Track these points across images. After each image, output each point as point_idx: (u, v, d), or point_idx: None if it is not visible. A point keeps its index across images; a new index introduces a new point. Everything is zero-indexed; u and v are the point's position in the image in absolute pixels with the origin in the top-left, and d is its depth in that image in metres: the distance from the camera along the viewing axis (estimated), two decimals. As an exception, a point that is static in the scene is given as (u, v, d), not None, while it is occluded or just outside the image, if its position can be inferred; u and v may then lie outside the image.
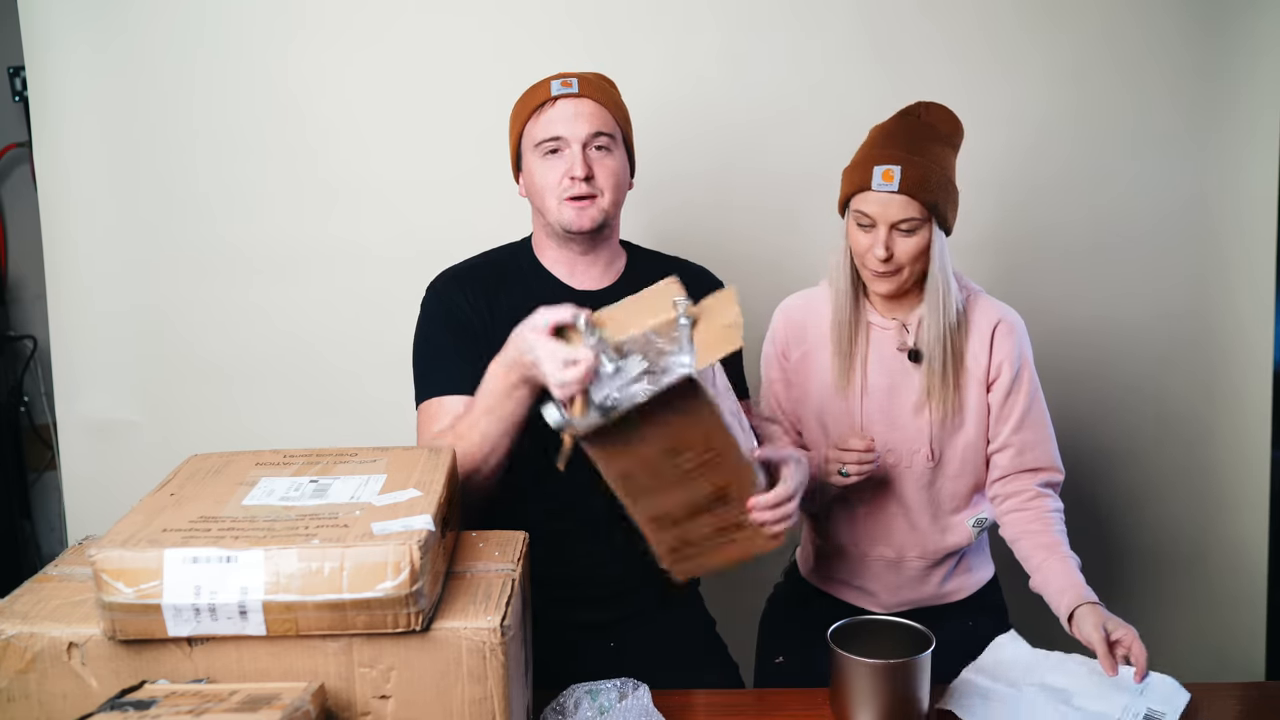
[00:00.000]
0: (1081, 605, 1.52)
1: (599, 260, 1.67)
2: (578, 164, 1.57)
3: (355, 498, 1.18)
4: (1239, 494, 2.40)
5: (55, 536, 3.14)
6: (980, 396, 1.68)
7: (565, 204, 1.59)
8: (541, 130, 1.60)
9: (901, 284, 1.64)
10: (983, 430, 1.69)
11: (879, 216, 1.59)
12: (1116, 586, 2.46)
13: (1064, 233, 2.34)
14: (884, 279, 1.63)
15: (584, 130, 1.59)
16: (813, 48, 2.24)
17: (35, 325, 3.06)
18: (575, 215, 1.59)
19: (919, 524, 1.71)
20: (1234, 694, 1.58)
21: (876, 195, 1.59)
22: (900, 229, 1.59)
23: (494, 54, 2.18)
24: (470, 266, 1.70)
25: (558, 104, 1.59)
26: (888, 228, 1.59)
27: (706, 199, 2.27)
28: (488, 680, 1.11)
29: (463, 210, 2.18)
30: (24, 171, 2.98)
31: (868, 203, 1.60)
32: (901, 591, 1.74)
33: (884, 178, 1.58)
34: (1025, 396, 1.68)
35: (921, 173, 1.58)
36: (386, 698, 1.10)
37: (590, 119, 1.59)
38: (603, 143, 1.60)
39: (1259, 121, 2.29)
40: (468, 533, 1.35)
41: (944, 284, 1.64)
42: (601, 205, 1.60)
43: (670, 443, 1.32)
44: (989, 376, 1.68)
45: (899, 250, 1.60)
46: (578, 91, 1.59)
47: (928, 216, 1.60)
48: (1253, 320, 2.35)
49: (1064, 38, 2.27)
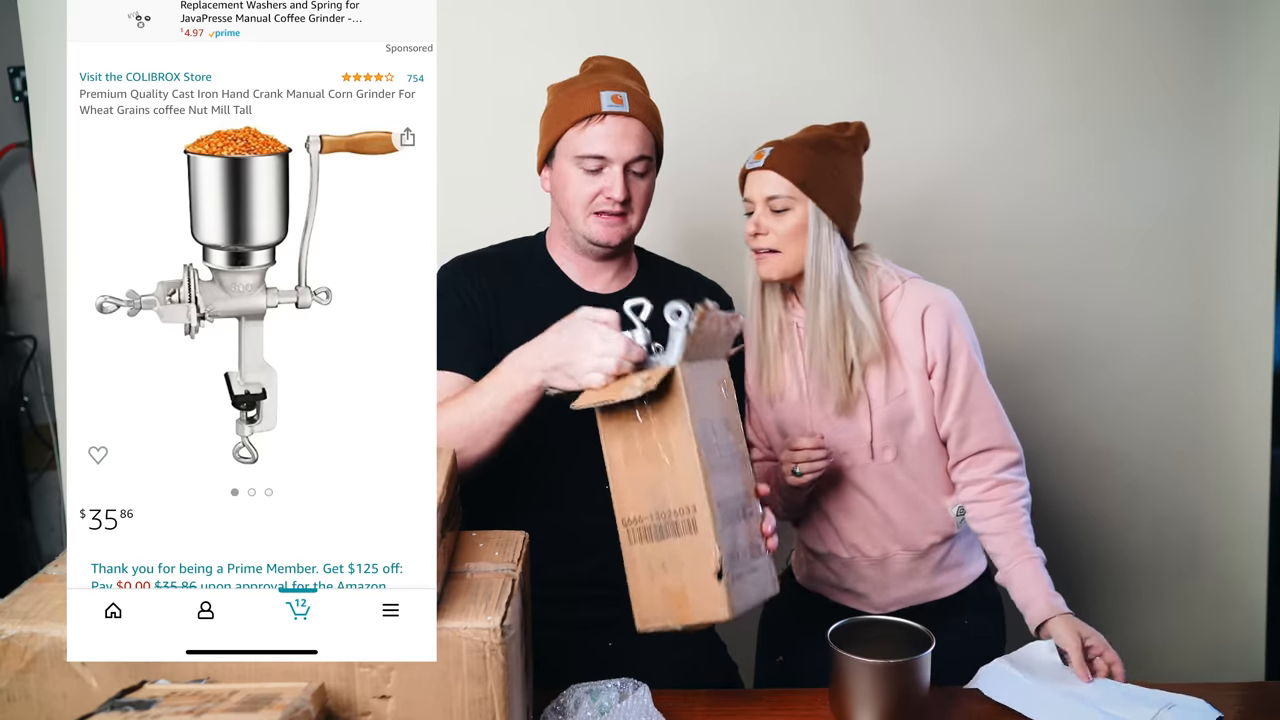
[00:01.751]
0: (1054, 618, 1.55)
1: (612, 265, 1.67)
2: (617, 186, 1.56)
3: (355, 498, 1.18)
4: (1239, 494, 2.40)
5: (55, 536, 3.14)
6: (922, 384, 1.67)
7: (594, 218, 1.59)
8: (586, 144, 1.57)
9: (784, 269, 1.68)
10: (931, 418, 1.69)
11: (754, 196, 1.69)
12: (1116, 587, 2.46)
13: (1063, 232, 2.34)
14: (765, 260, 1.69)
15: (629, 152, 1.57)
16: (812, 46, 2.24)
17: (35, 325, 3.06)
18: (603, 230, 1.59)
19: (895, 518, 1.71)
20: (1234, 694, 1.57)
21: (750, 175, 1.70)
22: (772, 207, 1.66)
23: (494, 54, 2.19)
24: (482, 256, 1.70)
25: (606, 120, 1.56)
26: (762, 206, 1.67)
27: (704, 195, 2.27)
28: (488, 680, 1.11)
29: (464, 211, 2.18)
30: (24, 171, 2.98)
31: (746, 186, 1.71)
32: (891, 590, 1.74)
33: (754, 157, 1.70)
34: (962, 379, 1.67)
35: (790, 153, 1.66)
36: (386, 698, 1.11)
37: (637, 141, 1.57)
38: (642, 167, 1.59)
39: (1259, 121, 2.29)
40: (468, 533, 1.35)
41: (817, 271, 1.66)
42: (630, 224, 1.61)
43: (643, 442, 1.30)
44: (926, 363, 1.68)
45: (772, 230, 1.66)
46: (628, 111, 1.56)
47: (801, 197, 1.65)
48: (1253, 320, 2.35)
49: (1063, 37, 2.27)
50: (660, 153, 1.66)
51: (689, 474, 1.27)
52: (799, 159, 1.65)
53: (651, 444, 1.29)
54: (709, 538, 1.25)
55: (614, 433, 1.33)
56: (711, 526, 1.25)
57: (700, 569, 1.26)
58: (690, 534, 1.27)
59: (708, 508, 1.26)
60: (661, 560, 1.29)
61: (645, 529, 1.30)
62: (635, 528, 1.31)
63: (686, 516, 1.27)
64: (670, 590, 1.28)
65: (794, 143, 1.68)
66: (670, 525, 1.28)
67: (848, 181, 1.69)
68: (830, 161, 1.67)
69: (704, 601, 1.26)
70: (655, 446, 1.29)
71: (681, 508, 1.27)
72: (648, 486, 1.30)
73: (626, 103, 1.56)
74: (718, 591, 1.24)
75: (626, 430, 1.31)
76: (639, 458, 1.30)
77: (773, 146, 1.68)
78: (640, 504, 1.30)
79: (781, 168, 1.65)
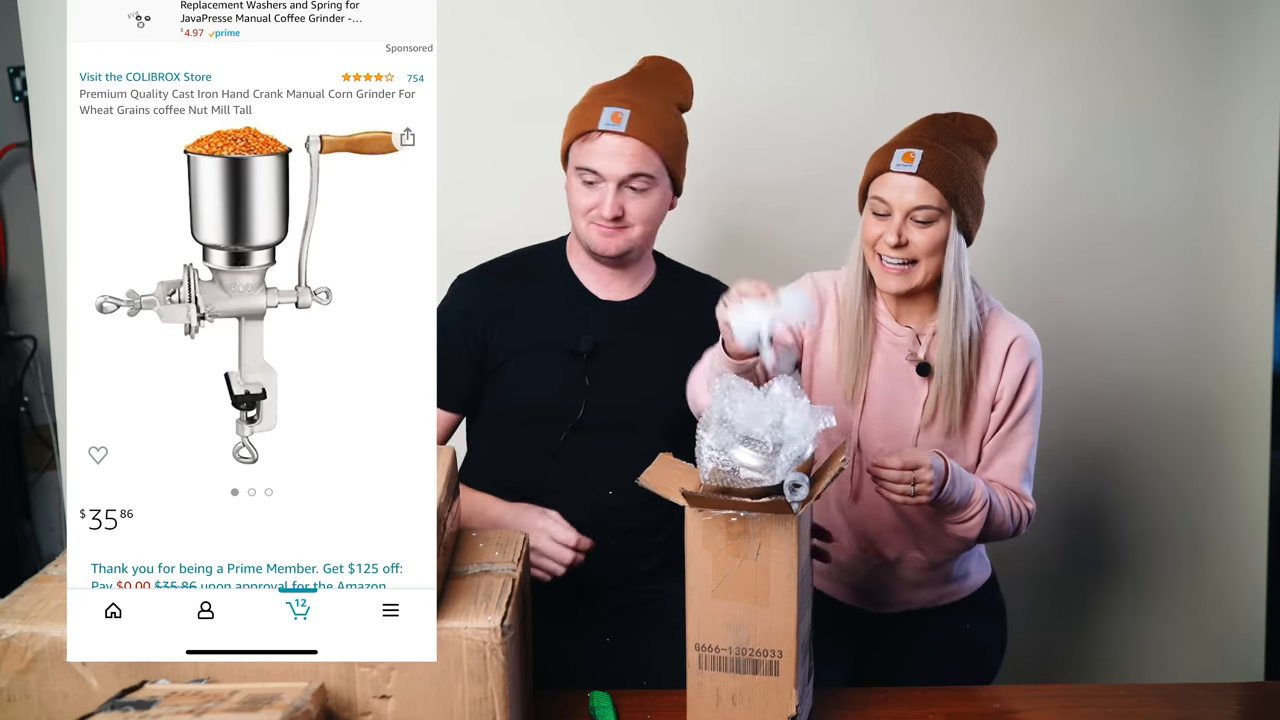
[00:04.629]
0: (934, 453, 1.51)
1: (627, 274, 1.67)
2: (608, 204, 1.56)
3: (355, 498, 1.18)
4: (1239, 494, 2.39)
5: (55, 536, 3.14)
6: (985, 415, 1.63)
7: (592, 226, 1.59)
8: (583, 159, 1.59)
9: (913, 283, 1.57)
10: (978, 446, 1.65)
11: (895, 202, 1.54)
12: (1116, 586, 2.46)
13: (1063, 233, 2.34)
14: (894, 274, 1.56)
15: (622, 171, 1.56)
16: (813, 46, 2.24)
17: (35, 325, 3.06)
18: (600, 239, 1.60)
19: (921, 529, 1.69)
20: (1234, 694, 1.58)
21: (894, 178, 1.54)
22: (916, 218, 1.54)
23: (494, 54, 2.19)
24: (501, 262, 1.71)
25: (602, 139, 1.57)
26: (903, 215, 1.54)
27: (705, 194, 2.27)
28: (488, 680, 1.11)
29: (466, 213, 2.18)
30: (24, 171, 2.97)
31: (885, 187, 1.56)
32: (900, 592, 1.73)
33: (904, 159, 1.54)
34: (1015, 415, 1.62)
35: (943, 160, 1.53)
36: (387, 698, 1.11)
37: (631, 160, 1.56)
38: (640, 185, 1.58)
39: (1258, 121, 2.29)
40: (468, 533, 1.35)
41: (957, 292, 1.57)
42: (630, 236, 1.60)
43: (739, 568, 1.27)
44: (995, 395, 1.62)
45: (913, 241, 1.54)
46: (624, 130, 1.55)
47: (946, 209, 1.54)
48: (1253, 320, 2.35)
49: (1062, 38, 2.27)
50: (675, 166, 1.63)
51: (784, 621, 1.25)
52: (953, 168, 1.54)
53: (750, 577, 1.25)
54: (789, 685, 1.26)
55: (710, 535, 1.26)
56: (793, 673, 1.26)
57: (774, 711, 1.28)
58: (770, 676, 1.27)
59: (794, 654, 1.26)
60: (732, 693, 1.29)
61: (721, 659, 1.29)
62: (710, 655, 1.29)
63: (770, 659, 1.27)
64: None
65: (946, 149, 1.55)
66: (751, 662, 1.28)
67: (981, 187, 1.60)
68: (973, 171, 1.57)
69: None
70: (754, 581, 1.25)
71: (768, 650, 1.27)
72: (735, 620, 1.27)
73: (625, 121, 1.56)
74: None
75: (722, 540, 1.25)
76: (731, 586, 1.26)
77: (923, 150, 1.54)
78: (721, 636, 1.28)
79: (934, 177, 1.52)
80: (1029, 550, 2.30)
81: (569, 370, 1.62)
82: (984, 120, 1.63)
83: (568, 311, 1.65)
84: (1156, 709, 1.43)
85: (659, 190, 1.61)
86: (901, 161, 1.54)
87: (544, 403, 1.63)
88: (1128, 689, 1.54)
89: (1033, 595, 2.32)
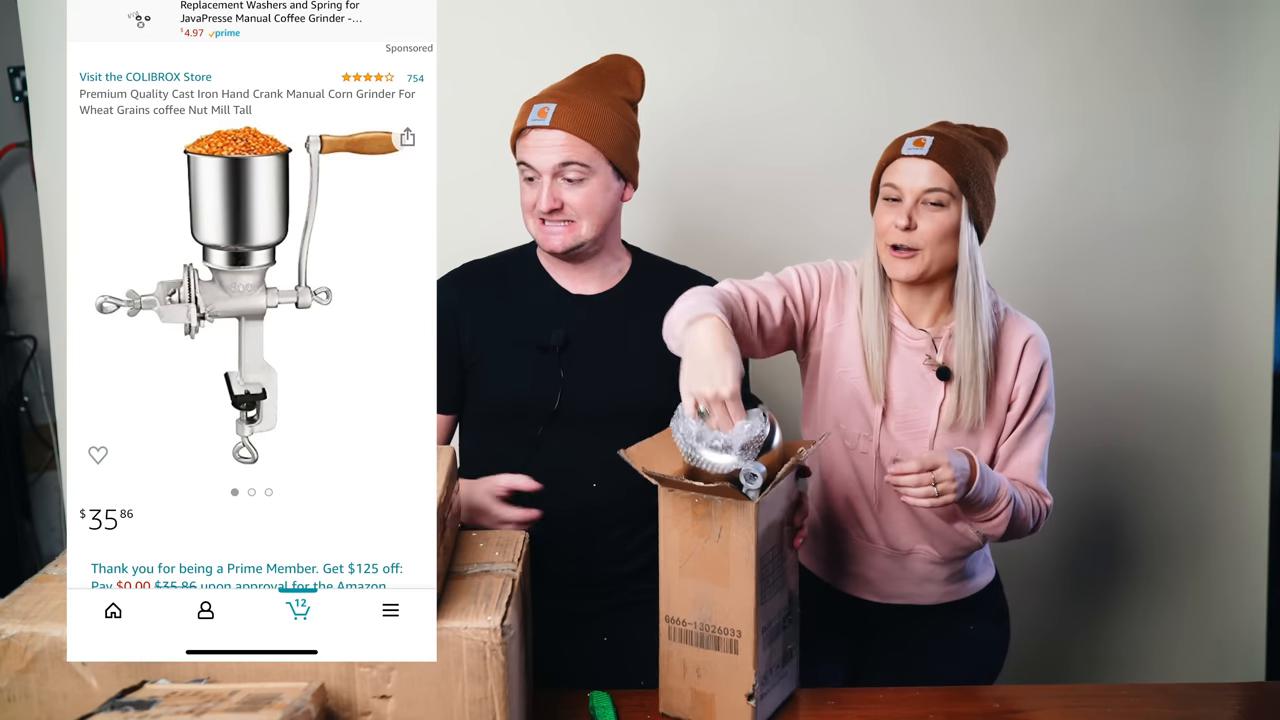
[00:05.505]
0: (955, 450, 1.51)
1: (594, 268, 1.68)
2: (544, 196, 1.59)
3: (355, 498, 1.18)
4: (1239, 494, 2.39)
5: (55, 536, 3.14)
6: (1000, 415, 1.64)
7: (539, 225, 1.63)
8: (519, 155, 1.64)
9: (920, 269, 1.56)
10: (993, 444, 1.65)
11: (906, 186, 1.55)
12: (1116, 585, 2.46)
13: (1063, 232, 2.34)
14: (902, 259, 1.56)
15: (551, 161, 1.59)
16: (813, 46, 2.24)
17: (35, 325, 3.06)
18: (546, 236, 1.63)
19: (932, 525, 1.68)
20: (1234, 694, 1.58)
21: (905, 163, 1.55)
22: (927, 200, 1.54)
23: (497, 51, 2.19)
24: (478, 265, 1.74)
25: (531, 134, 1.61)
26: (914, 199, 1.54)
27: (705, 193, 2.27)
28: (488, 680, 1.11)
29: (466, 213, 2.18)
30: (24, 171, 2.98)
31: (897, 172, 1.56)
32: (902, 585, 1.72)
33: (915, 144, 1.56)
34: (1031, 415, 1.63)
35: (954, 146, 1.55)
36: (387, 698, 1.11)
37: (559, 150, 1.59)
38: (574, 174, 1.59)
39: (1258, 122, 2.29)
40: (468, 533, 1.35)
41: (973, 288, 1.56)
42: (577, 232, 1.61)
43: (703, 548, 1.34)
44: (1010, 395, 1.63)
45: (922, 225, 1.54)
46: (549, 124, 1.59)
47: (957, 194, 1.54)
48: (1253, 320, 2.35)
49: (1063, 37, 2.27)
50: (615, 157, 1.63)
51: (743, 602, 1.32)
52: (963, 154, 1.55)
53: (713, 557, 1.32)
54: (748, 664, 1.32)
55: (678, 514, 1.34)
56: (753, 653, 1.32)
57: (734, 687, 1.34)
58: (731, 654, 1.33)
59: (753, 636, 1.32)
60: (698, 665, 1.36)
61: (688, 633, 1.36)
62: (678, 628, 1.37)
63: (730, 637, 1.33)
64: (700, 694, 1.36)
65: (955, 138, 1.57)
66: (713, 639, 1.35)
67: (992, 186, 1.61)
68: (984, 161, 1.59)
69: (731, 714, 1.35)
70: (715, 562, 1.32)
71: (728, 628, 1.33)
72: (699, 597, 1.35)
73: (550, 115, 1.59)
74: (745, 711, 1.33)
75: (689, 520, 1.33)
76: (696, 565, 1.34)
77: (934, 136, 1.56)
78: (687, 610, 1.36)
79: (945, 160, 1.53)
80: (1030, 549, 2.29)
81: (542, 365, 1.63)
82: (996, 129, 1.65)
83: (539, 307, 1.67)
84: (1158, 709, 1.43)
85: (597, 180, 1.61)
86: (913, 146, 1.55)
87: (519, 399, 1.64)
88: (1129, 689, 1.54)
89: (1034, 594, 2.32)
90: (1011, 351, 1.62)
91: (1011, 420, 1.63)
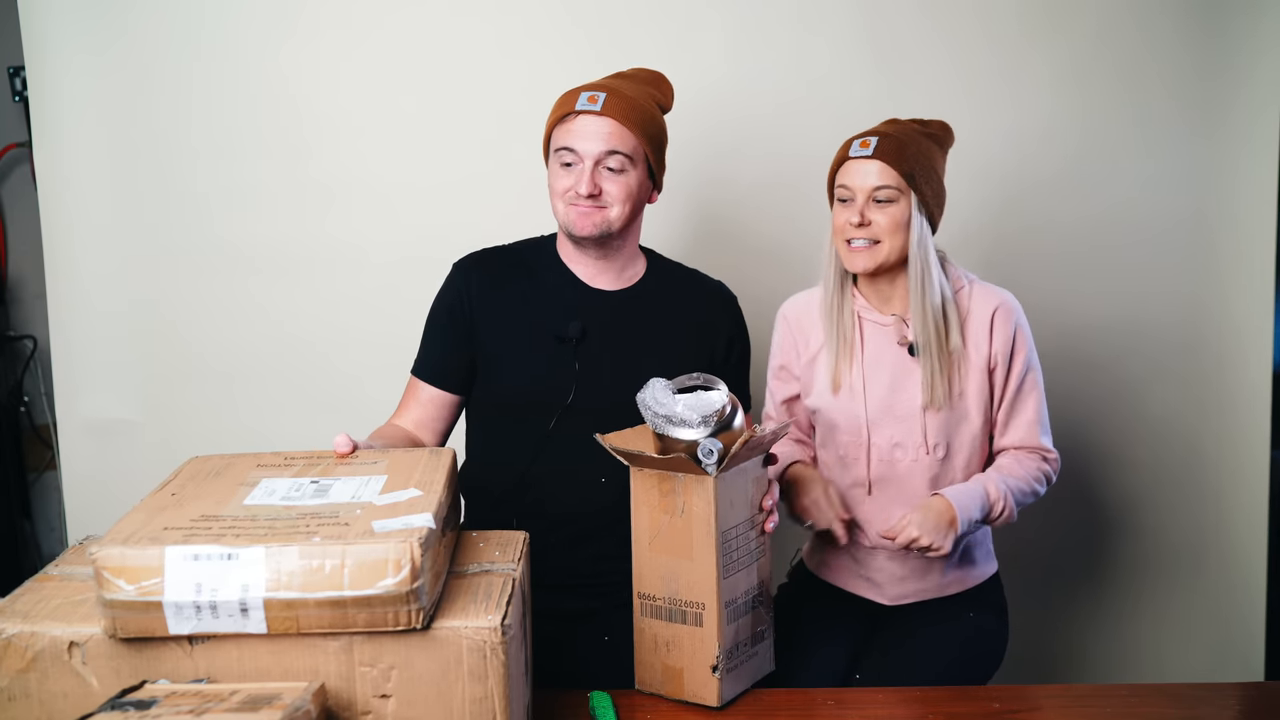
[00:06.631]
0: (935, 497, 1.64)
1: (614, 264, 1.69)
2: (584, 181, 1.60)
3: (356, 497, 1.18)
4: (1239, 495, 2.39)
5: (55, 536, 3.14)
6: (983, 384, 1.70)
7: (570, 207, 1.62)
8: (561, 139, 1.63)
9: (878, 260, 1.67)
10: (986, 417, 1.72)
11: (856, 186, 1.66)
12: (1116, 586, 2.46)
13: (1063, 234, 2.34)
14: (860, 253, 1.67)
15: (598, 148, 1.60)
16: (814, 46, 2.24)
17: (35, 325, 3.06)
18: (577, 218, 1.62)
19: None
20: (1234, 694, 1.58)
21: (854, 164, 1.67)
22: (877, 198, 1.65)
23: (498, 52, 2.19)
24: (498, 251, 1.74)
25: (579, 119, 1.61)
26: (865, 197, 1.65)
27: (708, 193, 2.27)
28: (488, 679, 1.11)
29: (465, 212, 2.18)
30: (24, 171, 2.97)
31: (846, 174, 1.68)
32: (906, 582, 1.74)
33: (860, 145, 1.66)
34: (1017, 377, 1.72)
35: (897, 144, 1.65)
36: (387, 697, 1.11)
37: (607, 138, 1.60)
38: (616, 163, 1.61)
39: (1259, 122, 2.29)
40: (468, 533, 1.35)
41: (923, 269, 1.67)
42: (608, 216, 1.62)
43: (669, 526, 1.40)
44: (990, 363, 1.70)
45: (875, 221, 1.65)
46: (599, 110, 1.60)
47: (905, 189, 1.65)
48: (1252, 321, 2.35)
49: (1063, 38, 2.27)
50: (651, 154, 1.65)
51: (705, 575, 1.38)
52: (906, 150, 1.65)
53: (677, 532, 1.39)
54: (712, 636, 1.38)
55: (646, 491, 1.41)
56: (716, 626, 1.38)
57: (699, 660, 1.39)
58: (696, 627, 1.39)
59: (716, 609, 1.37)
60: (667, 640, 1.42)
61: (657, 608, 1.42)
62: (649, 604, 1.43)
63: (695, 610, 1.39)
64: (670, 668, 1.41)
65: (899, 134, 1.67)
66: (680, 613, 1.40)
67: (940, 176, 1.70)
68: (929, 155, 1.68)
69: (698, 687, 1.40)
70: (680, 536, 1.39)
71: (693, 601, 1.39)
72: (666, 571, 1.41)
73: (601, 102, 1.60)
74: (711, 683, 1.39)
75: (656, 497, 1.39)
76: (663, 540, 1.40)
77: (878, 136, 1.66)
78: (656, 586, 1.42)
79: (890, 158, 1.64)
80: (1030, 549, 2.30)
81: (559, 357, 1.64)
82: (941, 120, 1.75)
83: (557, 298, 1.67)
84: (1157, 709, 1.43)
85: (636, 173, 1.63)
86: (859, 148, 1.67)
87: (535, 389, 1.64)
88: (1129, 689, 1.54)
89: (1034, 593, 2.32)
90: (981, 322, 1.71)
91: (998, 386, 1.72)
